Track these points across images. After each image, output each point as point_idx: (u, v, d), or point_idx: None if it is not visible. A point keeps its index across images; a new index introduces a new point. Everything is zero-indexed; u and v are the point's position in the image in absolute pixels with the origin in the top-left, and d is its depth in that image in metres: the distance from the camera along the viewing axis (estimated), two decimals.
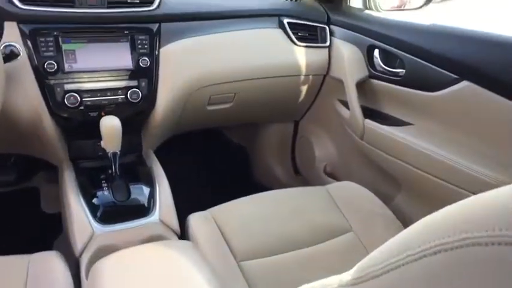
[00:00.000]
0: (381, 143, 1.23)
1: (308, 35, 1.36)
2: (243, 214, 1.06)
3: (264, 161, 1.84)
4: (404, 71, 1.16)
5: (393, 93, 1.21)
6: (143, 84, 1.12)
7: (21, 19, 1.01)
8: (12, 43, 0.98)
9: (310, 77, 1.41)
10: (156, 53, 1.13)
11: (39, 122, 1.06)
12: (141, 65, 1.10)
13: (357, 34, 1.30)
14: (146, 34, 1.12)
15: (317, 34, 1.37)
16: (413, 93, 1.13)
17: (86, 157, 1.18)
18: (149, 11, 1.13)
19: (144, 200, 1.06)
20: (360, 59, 1.29)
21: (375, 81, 1.27)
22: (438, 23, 1.13)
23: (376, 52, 1.26)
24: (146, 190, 1.08)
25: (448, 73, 1.03)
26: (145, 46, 1.12)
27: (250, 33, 1.30)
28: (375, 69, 1.27)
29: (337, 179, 1.55)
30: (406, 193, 1.24)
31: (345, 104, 1.35)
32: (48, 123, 1.07)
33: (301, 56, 1.35)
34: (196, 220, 1.00)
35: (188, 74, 1.18)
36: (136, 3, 1.12)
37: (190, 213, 1.04)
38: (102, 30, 1.09)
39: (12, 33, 1.00)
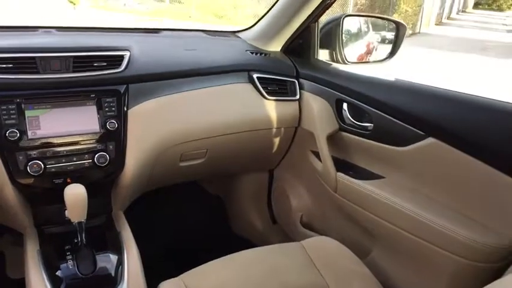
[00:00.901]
0: (354, 196, 1.23)
1: (278, 88, 1.38)
2: (217, 279, 1.02)
3: (241, 211, 1.82)
4: (372, 125, 1.18)
5: (363, 146, 1.23)
6: (111, 147, 1.09)
7: None
8: None
9: (282, 129, 1.42)
10: (124, 114, 1.12)
11: (0, 191, 1.01)
12: (108, 127, 1.08)
13: (326, 88, 1.32)
14: (113, 96, 1.11)
15: (287, 88, 1.40)
16: (383, 147, 1.15)
17: (51, 223, 1.13)
18: (116, 73, 1.12)
19: (111, 269, 1.01)
20: (329, 112, 1.31)
21: (345, 134, 1.29)
22: (403, 79, 1.17)
23: (345, 106, 1.28)
24: (114, 258, 1.04)
25: (414, 129, 1.05)
26: (113, 108, 1.11)
27: (220, 89, 1.30)
28: (344, 123, 1.29)
29: (313, 230, 1.54)
30: (381, 247, 1.24)
31: (318, 155, 1.36)
32: (9, 191, 1.02)
33: (272, 109, 1.36)
34: None
35: (158, 134, 1.17)
36: (103, 66, 1.11)
37: (163, 278, 1.00)
38: (68, 95, 1.07)
39: None
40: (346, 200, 1.27)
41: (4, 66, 1.00)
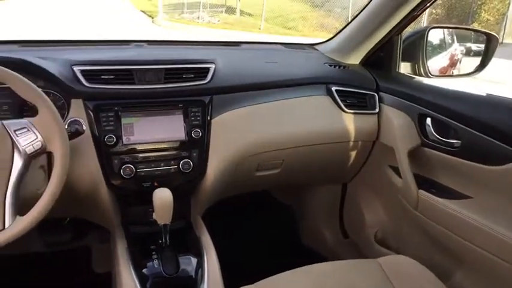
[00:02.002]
0: (437, 215, 1.17)
1: (357, 101, 1.37)
2: None
3: (312, 222, 1.80)
4: (459, 142, 1.12)
5: (449, 164, 1.16)
6: (194, 154, 1.15)
7: (86, 96, 1.09)
8: (77, 118, 1.06)
9: (360, 142, 1.39)
10: (208, 124, 1.17)
11: (96, 191, 1.10)
12: (193, 136, 1.14)
13: (408, 102, 1.28)
14: (199, 106, 1.17)
15: (366, 101, 1.37)
16: (471, 166, 1.08)
17: (137, 223, 1.21)
18: (202, 84, 1.19)
19: (192, 272, 1.05)
20: (411, 127, 1.26)
21: (428, 150, 1.23)
22: (495, 94, 1.10)
23: (429, 121, 1.23)
24: (194, 261, 1.08)
25: (508, 147, 0.98)
26: (198, 118, 1.16)
27: (298, 101, 1.32)
28: (428, 138, 1.23)
29: (388, 247, 1.48)
30: (466, 271, 1.16)
31: (397, 170, 1.31)
32: (104, 192, 1.11)
33: (350, 122, 1.34)
34: None
35: (238, 143, 1.21)
36: (191, 77, 1.18)
37: (237, 285, 1.02)
38: (158, 104, 1.15)
39: (78, 109, 1.08)
40: (427, 219, 1.21)
41: (106, 77, 1.10)
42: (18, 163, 0.82)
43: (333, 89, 1.35)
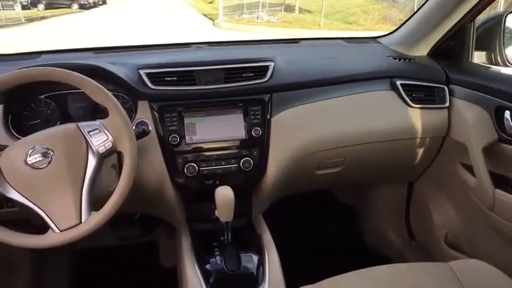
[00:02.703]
0: None
1: (424, 95, 1.29)
2: None
3: (375, 222, 1.74)
4: None
5: None
6: (255, 153, 1.16)
7: (152, 98, 1.14)
8: (144, 119, 1.11)
9: (427, 139, 1.31)
10: (268, 122, 1.17)
11: (162, 188, 1.15)
12: (253, 134, 1.15)
13: (483, 94, 1.18)
14: (258, 105, 1.18)
15: (434, 95, 1.29)
16: None
17: (200, 219, 1.25)
18: (262, 82, 1.19)
19: (253, 269, 1.06)
20: (487, 121, 1.16)
21: (506, 145, 1.13)
22: None
23: (507, 114, 1.12)
24: (255, 259, 1.09)
25: None
26: (258, 116, 1.17)
27: (360, 97, 1.27)
28: (506, 133, 1.13)
29: (460, 250, 1.38)
30: None
31: (469, 168, 1.22)
32: (169, 189, 1.16)
33: (417, 118, 1.27)
34: None
35: (298, 142, 1.20)
36: (250, 76, 1.19)
37: (298, 284, 1.01)
38: (219, 104, 1.17)
39: (144, 110, 1.13)
40: (504, 220, 1.11)
41: (169, 79, 1.15)
42: (92, 162, 0.87)
43: (398, 83, 1.29)
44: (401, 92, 1.27)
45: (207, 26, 12.73)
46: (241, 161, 1.14)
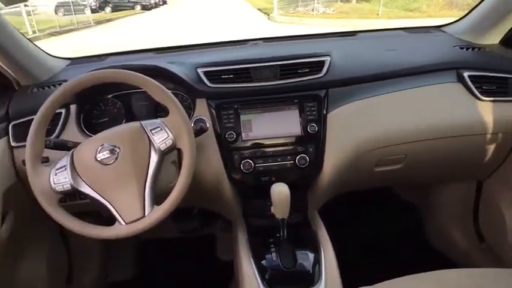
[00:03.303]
0: None
1: (495, 87, 1.19)
2: None
3: (440, 223, 1.65)
4: None
5: None
6: (311, 149, 1.14)
7: (209, 96, 1.17)
8: (201, 117, 1.14)
9: (500, 135, 1.21)
10: (324, 118, 1.15)
11: (219, 184, 1.18)
12: (309, 130, 1.13)
13: None
14: (314, 101, 1.16)
15: (508, 86, 1.19)
16: None
17: (256, 215, 1.26)
18: (318, 78, 1.17)
19: (309, 267, 1.05)
20: None
21: None
22: None
23: None
24: (311, 256, 1.08)
25: None
26: (313, 112, 1.15)
27: (423, 90, 1.21)
28: None
29: None
30: None
31: None
32: (226, 185, 1.18)
33: (487, 112, 1.18)
34: None
35: (356, 138, 1.16)
36: (306, 72, 1.17)
37: (355, 284, 0.98)
38: (274, 100, 1.17)
39: (202, 108, 1.16)
40: None
41: (226, 77, 1.17)
42: (154, 159, 0.91)
43: (465, 74, 1.20)
44: (469, 84, 1.19)
45: (262, 20, 12.76)
46: (297, 157, 1.13)
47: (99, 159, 0.89)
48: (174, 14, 16.73)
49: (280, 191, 1.02)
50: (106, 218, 0.94)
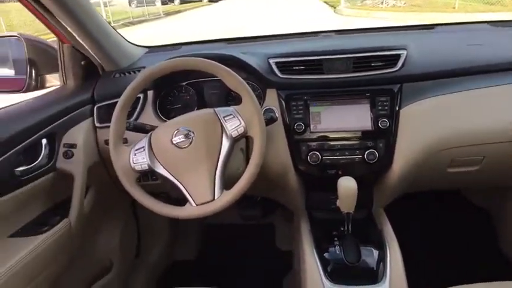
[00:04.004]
0: None
1: None
2: None
3: None
4: None
5: None
6: (380, 145, 1.11)
7: (280, 86, 1.18)
8: (271, 107, 1.16)
9: None
10: (396, 114, 1.12)
11: (285, 175, 1.19)
12: (380, 126, 1.10)
13: None
14: (387, 95, 1.13)
15: None
16: None
17: (319, 208, 1.26)
18: (392, 72, 1.13)
19: (373, 264, 1.04)
20: None
21: None
22: None
23: None
24: (376, 253, 1.06)
25: None
26: (386, 107, 1.12)
27: (507, 88, 1.12)
28: None
29: None
30: None
31: None
32: (292, 176, 1.19)
33: None
34: None
35: (430, 136, 1.11)
36: (380, 65, 1.14)
37: (423, 283, 0.95)
38: (345, 93, 1.15)
39: (272, 98, 1.18)
40: None
41: (297, 68, 1.17)
42: (225, 145, 0.95)
43: None
44: None
45: (328, 13, 12.51)
46: (366, 152, 1.11)
47: (174, 142, 0.94)
48: (240, 6, 16.95)
49: (347, 185, 1.00)
50: (173, 199, 0.99)
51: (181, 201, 0.95)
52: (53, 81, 1.27)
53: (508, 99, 1.12)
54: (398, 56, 1.15)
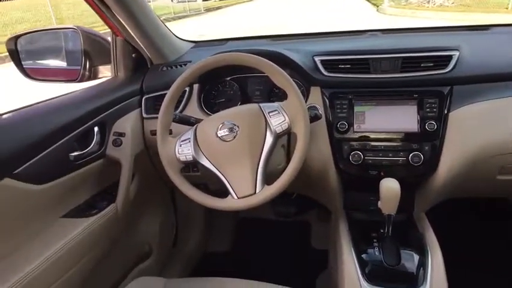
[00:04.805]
0: None
1: None
2: None
3: None
4: None
5: None
6: (426, 148, 1.09)
7: (324, 84, 1.17)
8: (315, 104, 1.15)
9: None
10: (444, 117, 1.08)
11: (325, 173, 1.19)
12: (427, 128, 1.08)
13: None
14: (436, 97, 1.10)
15: None
16: None
17: (357, 208, 1.25)
18: (443, 73, 1.10)
19: (413, 268, 1.01)
20: None
21: None
22: None
23: None
24: (416, 258, 1.04)
25: None
26: (434, 110, 1.09)
27: None
28: None
29: None
30: None
31: None
32: (332, 175, 1.19)
33: None
34: None
35: (479, 141, 1.07)
36: (430, 66, 1.11)
37: None
38: (392, 94, 1.13)
39: (316, 96, 1.18)
40: None
41: (343, 66, 1.16)
42: (269, 140, 0.95)
43: None
44: None
45: (371, 12, 12.23)
46: (411, 154, 1.09)
47: (219, 135, 0.96)
48: (280, 3, 16.90)
49: (390, 186, 0.99)
50: (213, 192, 1.01)
51: (220, 193, 0.97)
52: (105, 72, 1.33)
53: None
54: (450, 57, 1.12)
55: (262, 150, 0.95)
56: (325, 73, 1.17)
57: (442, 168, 1.09)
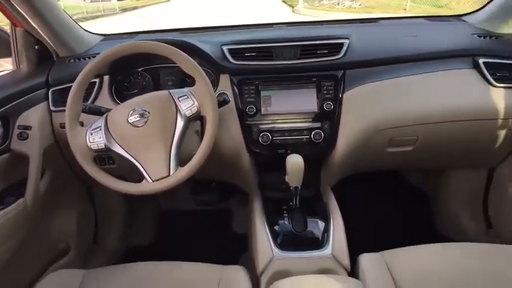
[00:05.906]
0: None
1: (509, 74, 1.23)
2: (421, 264, 0.98)
3: (449, 210, 1.68)
4: None
5: None
6: (326, 126, 1.21)
7: (232, 72, 1.24)
8: (224, 91, 1.22)
9: (511, 121, 1.25)
10: (340, 97, 1.21)
11: (238, 155, 1.26)
12: (325, 108, 1.20)
13: None
14: (331, 80, 1.22)
15: None
16: None
17: (271, 187, 1.34)
18: (336, 59, 1.23)
19: (318, 233, 1.13)
20: None
21: None
22: None
23: None
24: (321, 224, 1.15)
25: None
26: (330, 91, 1.22)
27: (438, 75, 1.25)
28: None
29: None
30: None
31: None
32: (245, 156, 1.26)
33: (500, 98, 1.22)
34: (368, 261, 1.00)
35: (369, 118, 1.22)
36: (325, 53, 1.23)
37: (362, 252, 1.05)
38: (293, 78, 1.24)
39: (225, 83, 1.24)
40: None
41: (249, 54, 1.24)
42: (180, 124, 0.99)
43: (481, 61, 1.24)
44: (484, 70, 1.23)
45: (286, 13, 12.72)
46: (312, 133, 1.20)
47: (130, 121, 0.98)
48: (198, 4, 16.84)
49: (295, 161, 1.09)
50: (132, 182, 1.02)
51: (139, 179, 0.99)
52: (5, 65, 1.26)
53: (438, 84, 1.24)
54: (341, 45, 1.25)
55: (174, 133, 0.99)
56: (233, 61, 1.24)
57: (340, 144, 1.22)
